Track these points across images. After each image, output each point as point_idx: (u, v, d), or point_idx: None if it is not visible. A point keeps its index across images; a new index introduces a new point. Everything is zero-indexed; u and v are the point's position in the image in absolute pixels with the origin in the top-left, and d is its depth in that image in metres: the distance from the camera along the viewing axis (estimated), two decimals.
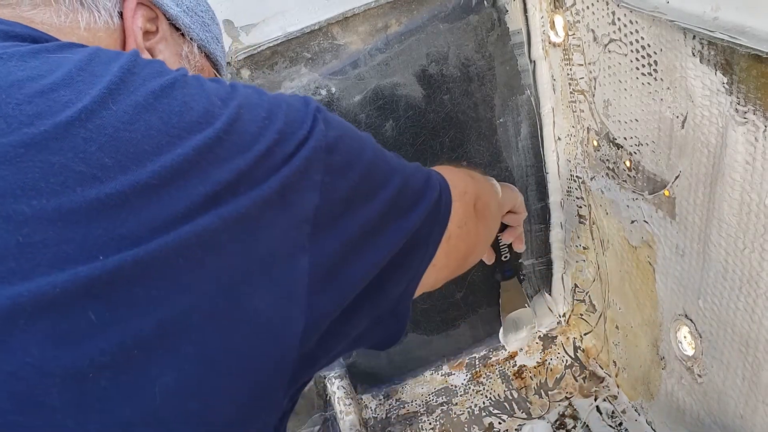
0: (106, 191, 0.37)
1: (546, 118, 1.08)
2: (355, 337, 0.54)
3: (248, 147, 0.42)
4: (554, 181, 1.15)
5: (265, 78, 0.93)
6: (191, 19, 0.63)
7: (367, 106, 0.99)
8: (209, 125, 0.41)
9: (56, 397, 0.35)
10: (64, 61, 0.42)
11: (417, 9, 0.95)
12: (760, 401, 0.74)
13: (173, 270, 0.38)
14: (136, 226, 0.38)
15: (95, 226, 0.37)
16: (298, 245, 0.43)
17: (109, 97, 0.40)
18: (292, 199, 0.43)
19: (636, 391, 1.11)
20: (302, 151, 0.44)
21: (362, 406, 1.26)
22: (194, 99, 0.42)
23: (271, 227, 0.42)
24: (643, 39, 0.74)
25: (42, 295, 0.35)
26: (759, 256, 0.66)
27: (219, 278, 0.40)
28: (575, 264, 1.21)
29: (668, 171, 0.79)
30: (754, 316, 0.70)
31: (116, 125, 0.39)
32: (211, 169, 0.40)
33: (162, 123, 0.40)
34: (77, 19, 0.53)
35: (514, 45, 1.02)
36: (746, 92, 0.61)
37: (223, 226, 0.40)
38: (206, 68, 0.67)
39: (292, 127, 0.45)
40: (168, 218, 0.38)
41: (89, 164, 0.38)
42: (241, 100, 0.44)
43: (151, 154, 0.39)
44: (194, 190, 0.39)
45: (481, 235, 0.75)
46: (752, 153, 0.62)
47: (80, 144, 0.38)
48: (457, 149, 1.07)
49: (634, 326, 1.04)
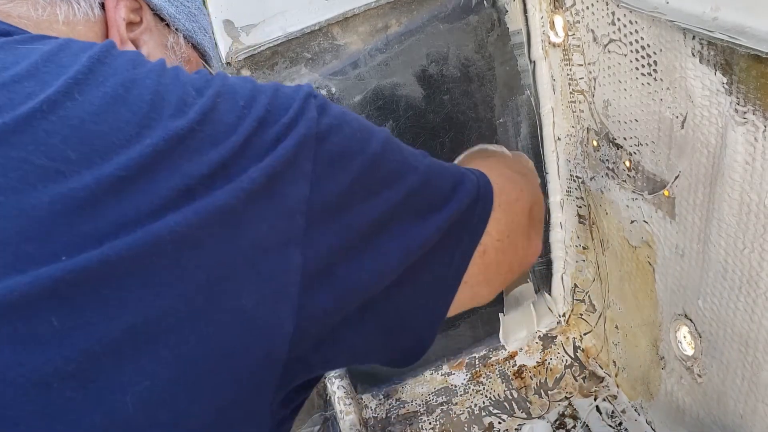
0: (70, 186, 0.35)
1: (546, 118, 1.08)
2: (364, 350, 0.50)
3: (224, 138, 0.39)
4: (554, 181, 1.15)
5: (265, 78, 0.93)
6: (176, 9, 0.61)
7: (367, 107, 0.99)
8: (182, 115, 0.39)
9: (18, 409, 0.33)
10: (32, 53, 0.40)
11: (417, 9, 0.95)
12: (760, 401, 0.74)
13: (144, 270, 0.35)
14: (102, 224, 0.35)
15: (58, 224, 0.34)
16: (290, 239, 0.40)
17: (75, 87, 0.38)
18: (279, 189, 0.40)
19: (636, 391, 1.11)
20: (289, 139, 0.41)
21: (362, 406, 1.26)
22: (167, 89, 0.40)
23: (256, 220, 0.39)
24: (642, 39, 0.74)
25: (1, 299, 0.33)
26: (759, 256, 0.66)
27: (197, 276, 0.37)
28: (575, 264, 1.21)
29: (668, 171, 0.79)
30: (754, 316, 0.70)
31: (82, 116, 0.37)
32: (184, 162, 0.38)
33: (131, 114, 0.38)
34: (55, 12, 0.51)
35: (514, 45, 1.02)
36: (746, 92, 0.61)
37: (200, 221, 0.37)
38: (193, 59, 0.65)
39: (274, 115, 0.42)
40: (137, 214, 0.36)
41: (51, 158, 0.35)
42: (219, 89, 0.42)
43: (119, 146, 0.37)
44: (165, 183, 0.37)
45: (532, 248, 0.65)
46: (752, 153, 0.62)
47: (42, 136, 0.36)
48: (457, 149, 1.07)
49: (634, 326, 1.04)
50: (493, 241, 0.55)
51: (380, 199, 0.46)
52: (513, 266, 0.61)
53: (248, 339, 0.39)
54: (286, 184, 0.41)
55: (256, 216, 0.39)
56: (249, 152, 0.40)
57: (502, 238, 0.56)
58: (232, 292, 0.38)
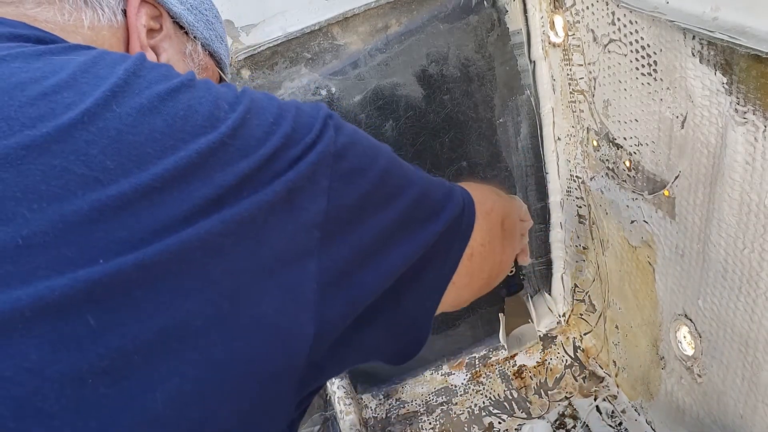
0: (108, 194, 0.37)
1: (546, 118, 1.08)
2: (370, 349, 0.53)
3: (253, 151, 0.42)
4: (554, 181, 1.15)
5: (265, 78, 0.93)
6: (195, 17, 0.63)
7: (367, 106, 0.99)
8: (214, 129, 0.41)
9: (54, 403, 0.34)
10: (68, 63, 0.42)
11: (417, 9, 0.95)
12: (760, 401, 0.74)
13: (175, 274, 0.38)
14: (137, 229, 0.37)
15: (96, 229, 0.36)
16: (306, 250, 0.43)
17: (112, 99, 0.40)
18: (298, 203, 0.43)
19: (636, 391, 1.11)
20: (309, 156, 0.44)
21: (362, 406, 1.26)
22: (200, 103, 0.42)
23: (276, 231, 0.41)
24: (642, 39, 0.75)
25: (41, 299, 0.35)
26: (759, 256, 0.66)
27: (222, 283, 0.39)
28: (575, 264, 1.21)
29: (668, 171, 0.79)
30: (754, 316, 0.70)
31: (119, 127, 0.39)
32: (215, 173, 0.40)
33: (166, 126, 0.40)
34: (81, 17, 0.53)
35: (514, 45, 1.02)
36: (746, 92, 0.61)
37: (226, 229, 0.39)
38: (210, 67, 0.67)
39: (299, 133, 0.44)
40: (170, 221, 0.38)
41: (91, 167, 0.37)
42: (249, 105, 0.44)
43: (154, 157, 0.39)
44: (197, 193, 0.39)
45: (506, 255, 0.72)
46: (752, 153, 0.62)
47: (82, 146, 0.38)
48: (457, 149, 1.07)
49: (634, 326, 1.04)
50: (477, 245, 0.60)
51: (387, 211, 0.49)
52: (492, 272, 0.68)
53: (271, 345, 0.41)
54: (305, 199, 0.43)
55: (276, 227, 0.41)
56: (275, 166, 0.42)
57: (485, 243, 0.62)
58: (254, 300, 0.40)
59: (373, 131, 1.00)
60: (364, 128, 1.00)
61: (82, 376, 0.35)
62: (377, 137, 1.10)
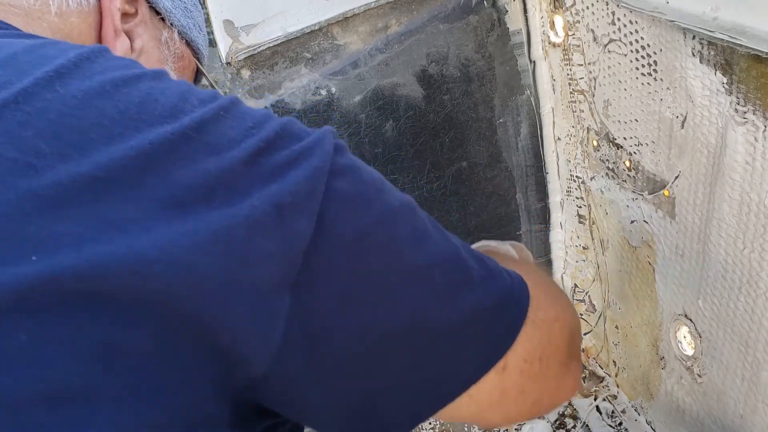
0: (42, 182, 0.32)
1: (546, 118, 1.08)
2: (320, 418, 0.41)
3: (224, 150, 0.35)
4: (554, 181, 1.15)
5: (265, 78, 0.93)
6: (172, 3, 0.59)
7: (367, 107, 0.99)
8: (175, 120, 0.35)
9: None
10: (14, 44, 0.37)
11: (417, 9, 0.95)
12: (760, 401, 0.74)
13: (124, 287, 0.31)
14: (76, 224, 0.32)
15: (28, 222, 0.31)
16: (284, 281, 0.35)
17: (57, 79, 0.35)
18: (288, 224, 0.35)
19: (636, 391, 1.11)
20: (300, 169, 0.36)
21: None
22: (163, 93, 0.36)
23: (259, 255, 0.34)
24: (642, 39, 0.75)
25: None
26: (759, 256, 0.66)
27: (181, 303, 0.32)
28: (575, 264, 1.21)
29: (668, 171, 0.79)
30: (754, 316, 0.70)
31: (60, 110, 0.34)
32: (174, 170, 0.34)
33: (117, 112, 0.34)
34: (47, 1, 0.48)
35: (514, 45, 1.02)
36: (746, 92, 0.61)
37: (193, 245, 0.32)
38: (186, 56, 0.63)
39: (284, 140, 0.37)
40: (120, 221, 0.32)
41: (23, 151, 0.32)
42: (227, 105, 0.37)
43: (99, 143, 0.33)
44: (153, 192, 0.33)
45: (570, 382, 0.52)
46: (752, 153, 0.62)
47: (14, 128, 0.33)
48: (457, 149, 1.07)
49: (634, 326, 1.04)
50: (519, 361, 0.44)
51: (396, 261, 0.39)
52: (542, 399, 0.49)
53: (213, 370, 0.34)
54: (294, 220, 0.35)
55: (261, 250, 0.34)
56: (254, 173, 0.35)
57: (531, 360, 0.45)
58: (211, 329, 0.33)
59: (373, 131, 1.00)
60: (364, 128, 1.00)
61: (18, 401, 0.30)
62: (377, 137, 1.10)
